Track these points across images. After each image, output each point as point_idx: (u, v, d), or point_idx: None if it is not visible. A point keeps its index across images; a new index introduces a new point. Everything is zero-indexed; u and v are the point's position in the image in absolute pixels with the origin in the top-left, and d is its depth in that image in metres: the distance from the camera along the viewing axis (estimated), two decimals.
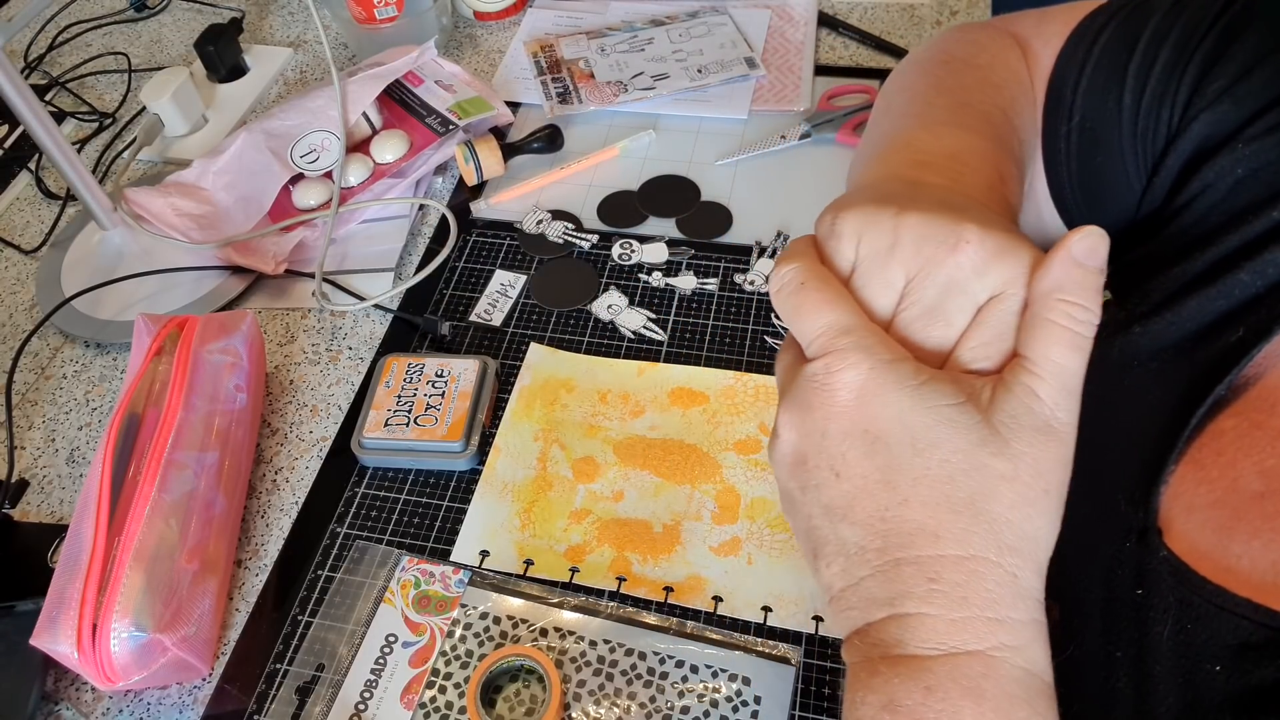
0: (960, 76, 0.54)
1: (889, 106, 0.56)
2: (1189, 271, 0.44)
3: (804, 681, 0.55)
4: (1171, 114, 0.47)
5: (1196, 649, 0.36)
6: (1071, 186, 0.53)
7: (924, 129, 0.48)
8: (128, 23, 1.11)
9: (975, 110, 0.50)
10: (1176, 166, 0.47)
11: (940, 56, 0.58)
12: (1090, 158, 0.52)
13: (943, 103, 0.51)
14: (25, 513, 0.68)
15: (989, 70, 0.55)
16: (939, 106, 0.51)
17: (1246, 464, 0.39)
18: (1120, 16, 0.51)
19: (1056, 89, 0.53)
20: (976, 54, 0.57)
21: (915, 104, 0.52)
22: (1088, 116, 0.51)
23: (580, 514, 0.63)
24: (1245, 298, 0.41)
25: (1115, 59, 0.50)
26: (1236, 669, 0.35)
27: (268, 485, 0.68)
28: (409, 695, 0.56)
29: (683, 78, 0.92)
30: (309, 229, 0.82)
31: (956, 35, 0.60)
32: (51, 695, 0.59)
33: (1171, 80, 0.47)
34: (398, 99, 0.90)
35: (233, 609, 0.62)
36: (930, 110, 0.50)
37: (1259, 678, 0.34)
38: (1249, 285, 0.41)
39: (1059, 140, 0.54)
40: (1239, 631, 0.35)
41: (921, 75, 0.56)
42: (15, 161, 0.95)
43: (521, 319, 0.75)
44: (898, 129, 0.50)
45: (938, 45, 0.59)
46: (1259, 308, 0.40)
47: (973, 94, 0.52)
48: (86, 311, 0.78)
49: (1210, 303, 0.42)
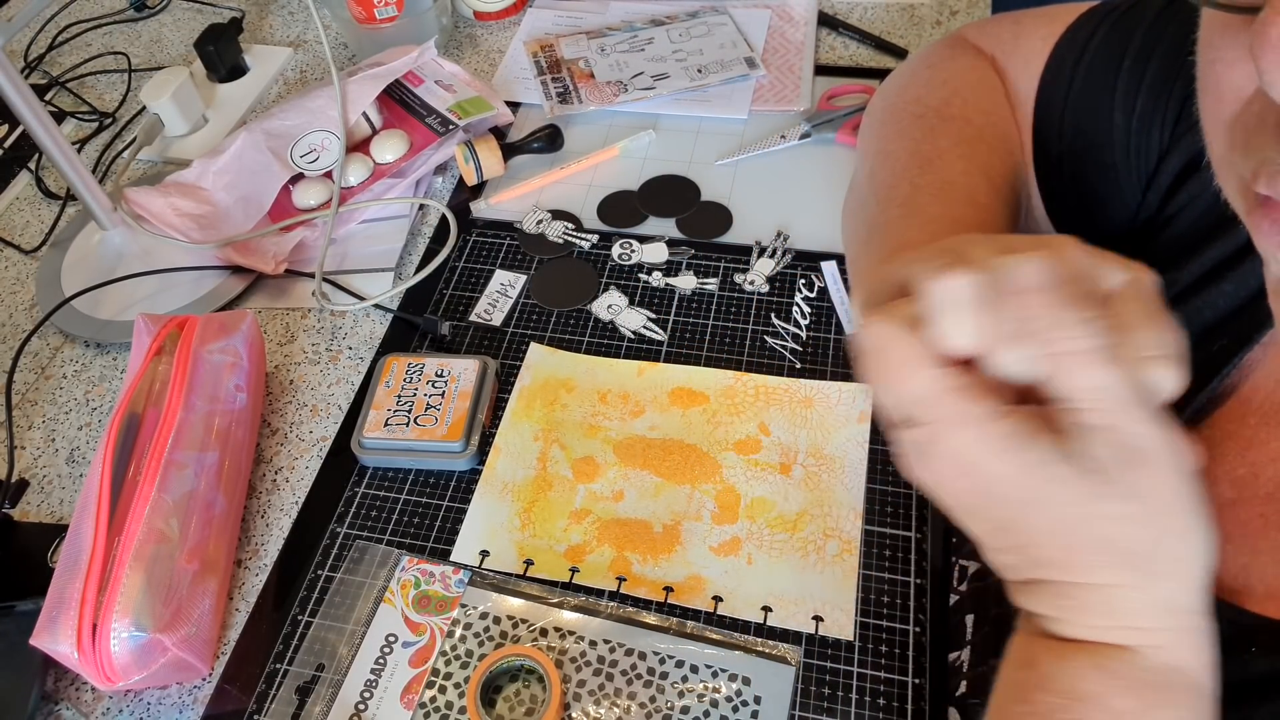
0: (936, 140, 0.54)
1: (872, 175, 0.56)
2: (1177, 283, 0.44)
3: (804, 681, 0.55)
4: (1162, 132, 0.47)
5: None
6: (1067, 204, 0.54)
7: (917, 228, 0.49)
8: (128, 22, 1.11)
9: (959, 191, 0.50)
10: (1168, 180, 0.47)
11: (914, 109, 0.57)
12: (1084, 176, 0.52)
13: (928, 184, 0.51)
14: (25, 513, 0.68)
15: (963, 124, 0.54)
16: (925, 191, 0.51)
17: (1219, 472, 0.39)
18: (1103, 30, 0.51)
19: (1044, 109, 0.53)
20: (948, 100, 0.56)
21: (900, 186, 0.52)
22: (1079, 137, 0.52)
23: (580, 514, 0.63)
24: (1229, 308, 0.41)
25: (1101, 80, 0.50)
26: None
27: (268, 485, 0.68)
28: (409, 695, 0.56)
29: (683, 78, 0.92)
30: (309, 229, 0.82)
31: (925, 75, 0.59)
32: (51, 695, 0.59)
33: (1160, 100, 0.47)
34: (398, 99, 0.90)
35: (233, 609, 0.62)
36: (917, 197, 0.51)
37: (1227, 674, 0.34)
38: (1232, 295, 0.41)
39: (1051, 162, 0.54)
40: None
41: (899, 135, 0.56)
42: (15, 161, 0.95)
43: (521, 319, 0.75)
44: (889, 225, 0.51)
45: (910, 90, 0.59)
46: (1241, 316, 0.40)
47: (953, 168, 0.52)
48: (86, 311, 0.78)
49: (1196, 314, 0.42)
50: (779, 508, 0.63)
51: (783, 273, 0.76)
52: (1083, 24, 0.53)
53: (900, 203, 0.51)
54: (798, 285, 0.75)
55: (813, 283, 0.75)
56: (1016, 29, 0.57)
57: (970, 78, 0.57)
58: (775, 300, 0.74)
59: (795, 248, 0.78)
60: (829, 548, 0.60)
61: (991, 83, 0.57)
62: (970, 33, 0.61)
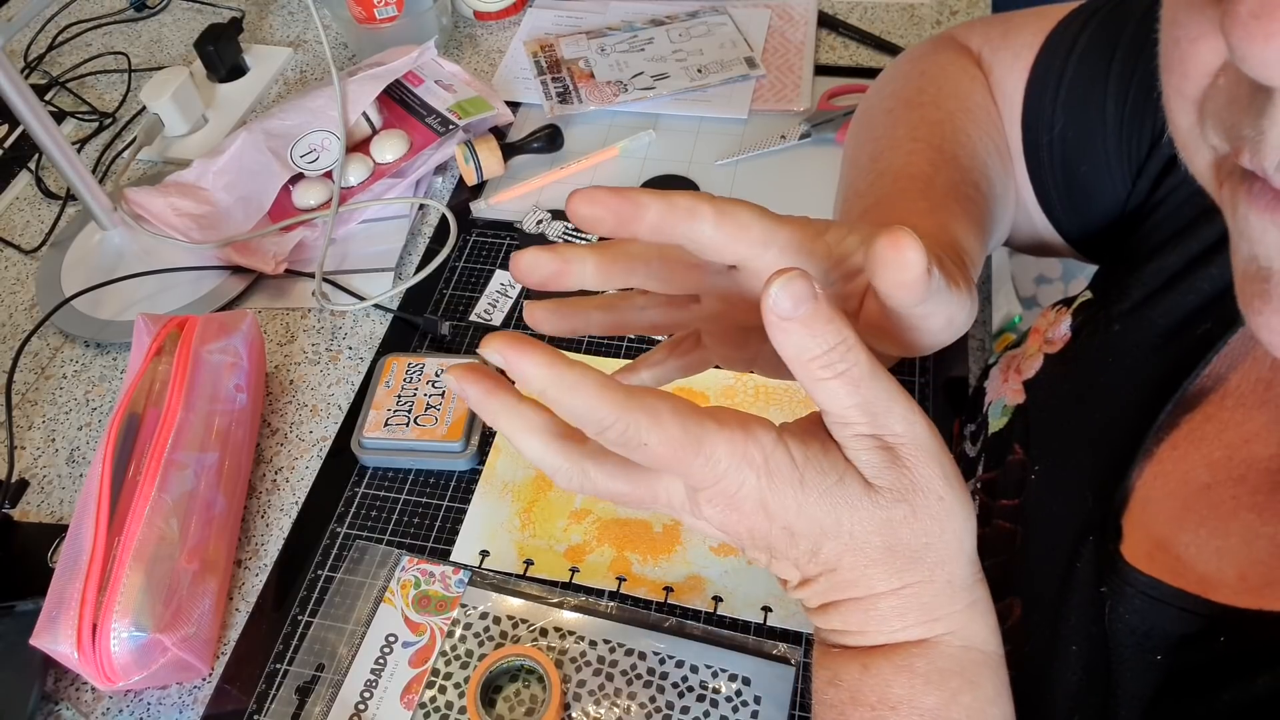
0: (895, 130, 0.53)
1: (840, 178, 0.56)
2: (1164, 269, 0.44)
3: (804, 681, 0.55)
4: (1154, 121, 0.47)
5: (1141, 640, 0.37)
6: (1057, 193, 0.54)
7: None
8: (128, 22, 1.11)
9: (896, 173, 0.50)
10: (1157, 167, 0.48)
11: (886, 104, 0.57)
12: (1075, 165, 0.52)
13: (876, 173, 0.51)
14: (25, 513, 0.68)
15: (932, 109, 0.54)
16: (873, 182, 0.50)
17: (1196, 457, 0.39)
18: (1094, 24, 0.51)
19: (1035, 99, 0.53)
20: (922, 89, 0.56)
21: (857, 183, 0.52)
22: (1070, 126, 0.52)
23: (580, 514, 0.64)
24: (1214, 292, 0.42)
25: (1094, 70, 0.50)
26: (1173, 658, 0.36)
27: (268, 485, 0.68)
28: (409, 695, 0.56)
29: (683, 78, 0.92)
30: (309, 229, 0.82)
31: (905, 69, 0.59)
32: (51, 695, 0.59)
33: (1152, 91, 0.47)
34: (398, 99, 0.90)
35: (233, 609, 0.62)
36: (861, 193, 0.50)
37: (1195, 665, 0.34)
38: (1217, 279, 0.41)
39: (1041, 151, 0.54)
40: (1181, 623, 0.36)
41: (867, 133, 0.56)
42: (15, 161, 0.95)
43: (521, 319, 0.75)
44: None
45: (888, 87, 0.59)
46: (1226, 300, 0.41)
47: (899, 150, 0.51)
48: (86, 311, 0.78)
49: (1183, 297, 0.43)
50: None
51: None
52: (1075, 17, 0.53)
53: (844, 200, 0.51)
54: None
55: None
56: (1006, 26, 0.58)
57: (948, 70, 0.57)
58: None
59: None
60: None
61: (968, 71, 0.57)
62: (958, 31, 0.61)
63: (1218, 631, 0.35)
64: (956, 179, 0.48)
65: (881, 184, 0.49)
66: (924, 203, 0.46)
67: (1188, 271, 0.43)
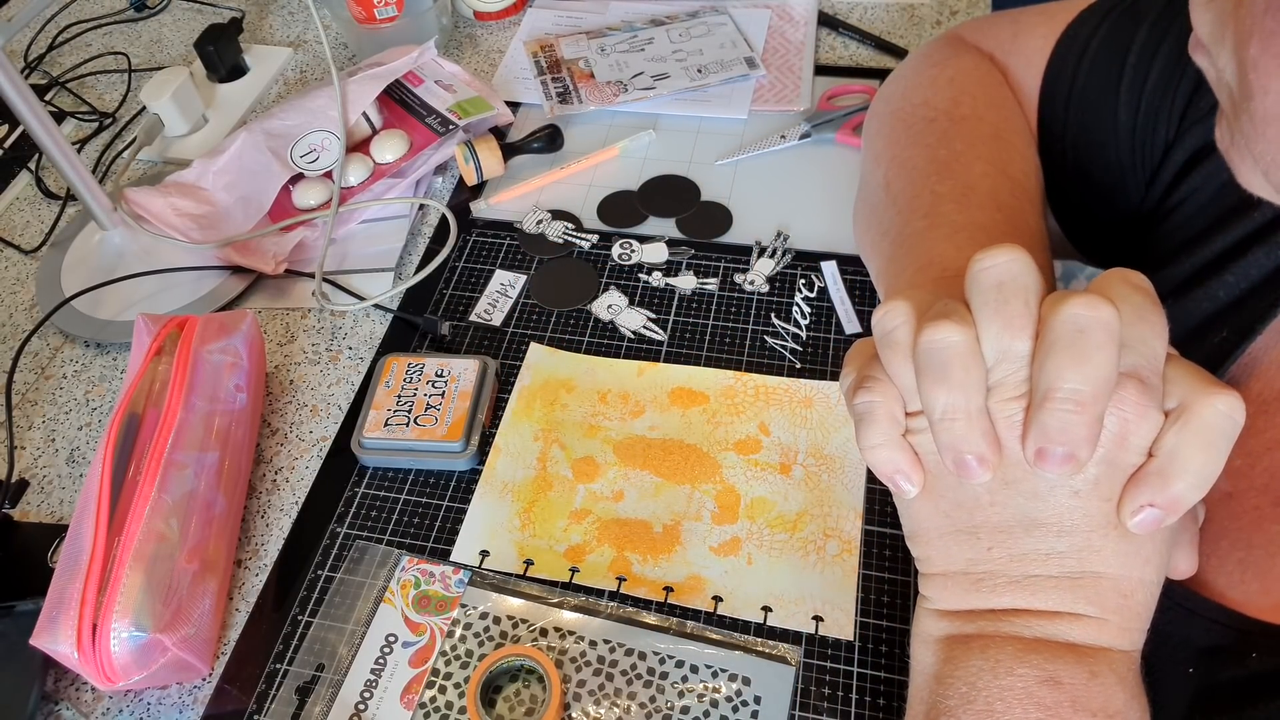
0: (952, 144, 0.54)
1: (888, 184, 0.55)
2: (1177, 275, 0.44)
3: (804, 681, 0.55)
4: (1168, 127, 0.47)
5: (1173, 652, 0.36)
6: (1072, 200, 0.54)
7: (944, 239, 0.49)
8: (128, 23, 1.11)
9: (981, 195, 0.50)
10: (1172, 172, 0.47)
11: (924, 112, 0.57)
12: (1089, 171, 0.52)
13: (948, 191, 0.51)
14: (25, 513, 0.68)
15: (976, 123, 0.54)
16: (947, 199, 0.51)
17: None
18: (1106, 27, 0.51)
19: (1047, 106, 0.53)
20: (958, 100, 0.56)
21: (922, 195, 0.52)
22: (1083, 132, 0.52)
23: (580, 514, 0.63)
24: (1229, 299, 0.41)
25: (1106, 75, 0.50)
26: (1205, 670, 0.35)
27: (268, 485, 0.68)
28: (409, 695, 0.56)
29: (683, 78, 0.92)
30: (309, 229, 0.82)
31: (930, 75, 0.59)
32: (51, 695, 0.59)
33: (1166, 95, 0.47)
34: (398, 99, 0.90)
35: (233, 609, 0.62)
36: (939, 206, 0.50)
37: (1226, 678, 0.34)
38: (1233, 287, 0.41)
39: (1055, 159, 0.54)
40: (1209, 635, 0.35)
41: (912, 141, 0.56)
42: (15, 161, 0.95)
43: (521, 319, 0.75)
44: (915, 235, 0.50)
45: (916, 93, 0.58)
46: (1241, 309, 0.40)
47: (972, 170, 0.52)
48: (86, 311, 0.78)
49: (1196, 305, 0.42)
50: (779, 508, 0.63)
51: (783, 273, 0.76)
52: (1084, 20, 0.52)
53: (924, 214, 0.51)
54: (798, 285, 0.75)
55: (813, 283, 0.75)
56: (1015, 27, 0.57)
57: (975, 75, 0.56)
58: (775, 300, 0.74)
59: (795, 248, 0.78)
60: (829, 548, 0.60)
61: (996, 79, 0.56)
62: (967, 32, 0.61)
63: (1250, 647, 0.35)
64: (1029, 210, 0.50)
65: (971, 203, 0.50)
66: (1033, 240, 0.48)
67: (1201, 279, 0.43)
